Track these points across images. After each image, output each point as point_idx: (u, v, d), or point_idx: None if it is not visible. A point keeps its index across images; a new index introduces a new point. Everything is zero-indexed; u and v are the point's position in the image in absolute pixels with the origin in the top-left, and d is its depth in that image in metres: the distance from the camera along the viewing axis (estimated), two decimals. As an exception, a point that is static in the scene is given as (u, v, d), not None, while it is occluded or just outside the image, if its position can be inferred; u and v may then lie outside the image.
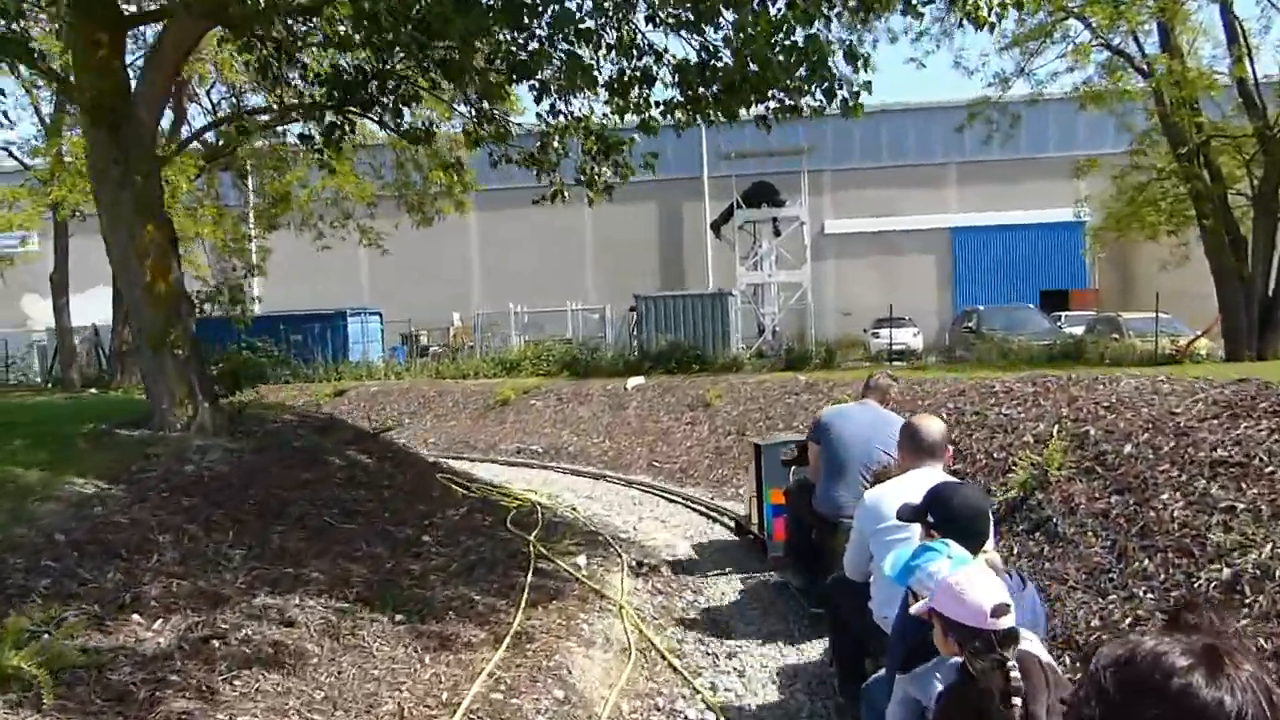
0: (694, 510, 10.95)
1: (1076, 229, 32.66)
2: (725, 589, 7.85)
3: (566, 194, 10.94)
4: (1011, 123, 19.57)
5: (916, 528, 3.67)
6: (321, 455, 8.73)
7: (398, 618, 5.88)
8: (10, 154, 20.11)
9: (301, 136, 10.70)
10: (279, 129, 21.74)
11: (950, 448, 4.63)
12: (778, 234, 33.60)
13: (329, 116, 9.00)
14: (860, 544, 4.47)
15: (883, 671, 3.69)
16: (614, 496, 12.05)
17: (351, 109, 8.73)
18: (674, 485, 12.62)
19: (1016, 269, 35.02)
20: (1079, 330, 21.97)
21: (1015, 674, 2.50)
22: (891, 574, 3.11)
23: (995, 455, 8.73)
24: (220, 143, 22.68)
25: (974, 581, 2.69)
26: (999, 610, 2.60)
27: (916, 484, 4.03)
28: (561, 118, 10.08)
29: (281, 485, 7.58)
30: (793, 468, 7.61)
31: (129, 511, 6.26)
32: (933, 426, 4.48)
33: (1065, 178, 28.50)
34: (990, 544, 3.54)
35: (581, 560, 7.85)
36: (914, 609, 2.88)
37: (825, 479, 6.29)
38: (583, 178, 10.40)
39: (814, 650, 6.32)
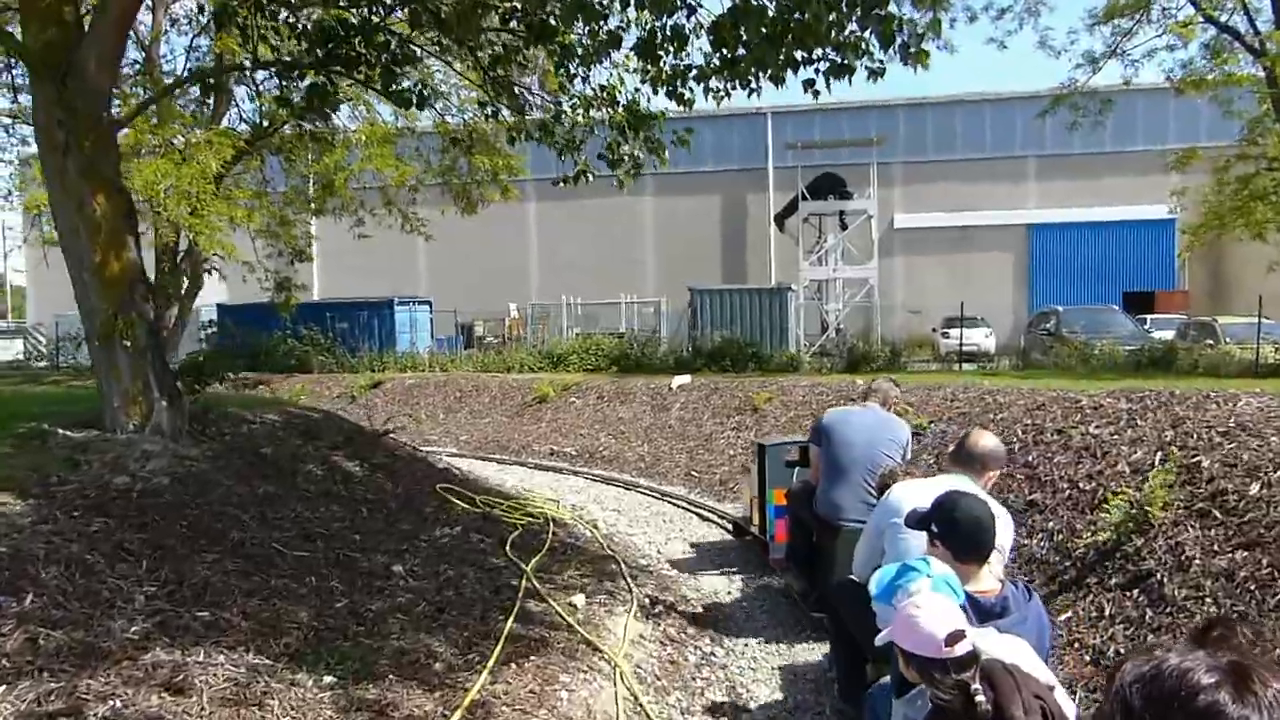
0: (728, 529, 9.56)
1: (1165, 227, 30.49)
2: (755, 648, 6.51)
3: (592, 175, 9.66)
4: (1101, 108, 17.82)
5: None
6: (297, 463, 7.59)
7: (327, 680, 4.68)
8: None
9: (279, 99, 9.59)
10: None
11: (998, 469, 4.56)
12: (844, 228, 31.95)
13: (309, 77, 7.88)
14: (875, 536, 4.44)
15: (886, 679, 3.62)
16: (643, 511, 10.75)
17: (335, 68, 7.60)
18: (711, 500, 11.29)
19: (1098, 268, 32.86)
20: (1168, 334, 20.02)
21: (980, 698, 2.48)
22: (875, 592, 3.08)
23: (1082, 486, 7.25)
24: (265, 124, 21.94)
25: (927, 611, 2.66)
26: (953, 638, 2.58)
27: (940, 487, 4.01)
28: (583, 85, 8.81)
29: (231, 501, 6.44)
30: (795, 469, 7.56)
31: (17, 536, 5.16)
32: (983, 440, 4.46)
33: (1152, 173, 26.53)
34: (997, 557, 3.58)
35: (579, 600, 6.57)
36: (878, 640, 2.85)
37: (826, 482, 6.21)
38: (609, 155, 9.09)
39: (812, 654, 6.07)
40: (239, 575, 5.57)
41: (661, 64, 7.93)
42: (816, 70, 6.88)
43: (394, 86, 7.54)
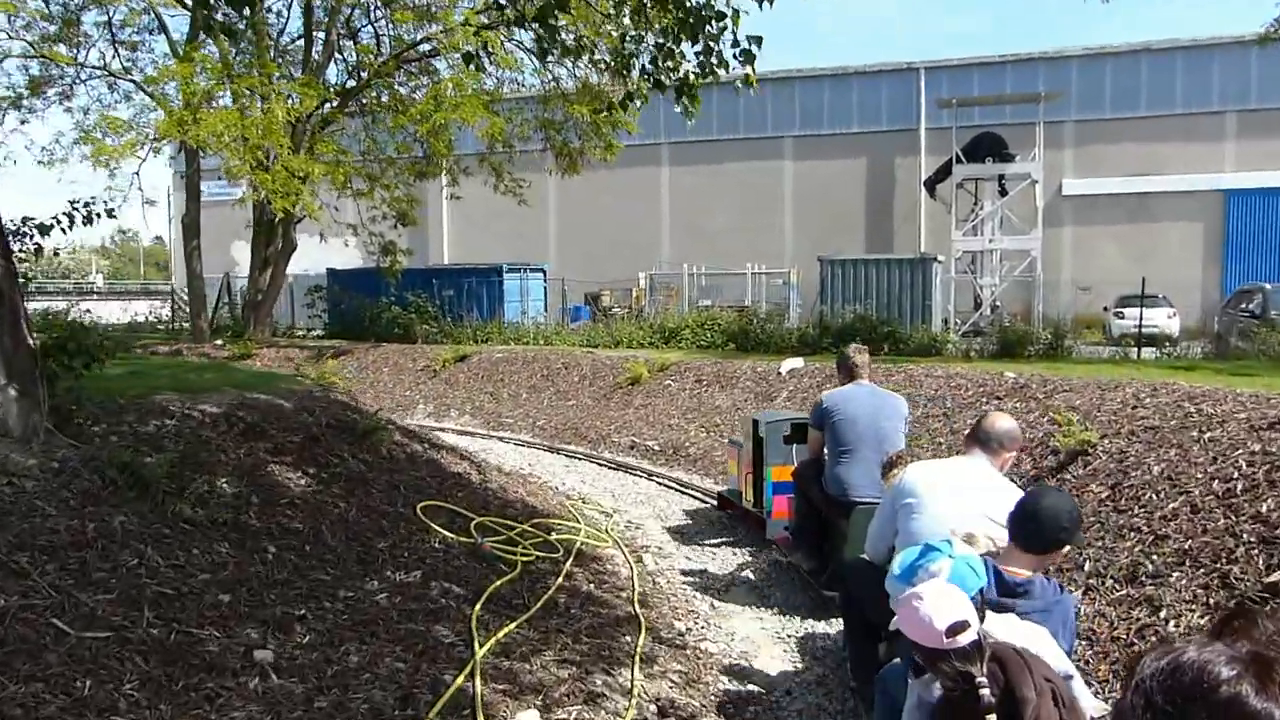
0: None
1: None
2: None
3: (640, 99, 7.16)
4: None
5: (937, 506, 4.00)
6: (194, 476, 5.47)
7: None
8: (133, 82, 18.38)
9: (466, 56, 7.72)
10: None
11: (1015, 450, 4.50)
12: (1004, 194, 28.18)
13: None
14: (889, 513, 4.36)
15: (898, 661, 3.60)
16: (720, 547, 8.24)
17: None
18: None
19: (1308, 241, 28.08)
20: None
21: (984, 690, 2.47)
22: (896, 573, 3.04)
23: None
24: (351, 82, 20.27)
25: (930, 601, 2.60)
26: (955, 629, 2.53)
27: (954, 468, 4.33)
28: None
29: (34, 543, 4.35)
30: (794, 447, 7.56)
31: None
32: (1001, 421, 4.43)
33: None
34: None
35: (529, 721, 4.20)
36: (892, 625, 2.78)
37: (834, 460, 6.21)
38: (653, 69, 6.57)
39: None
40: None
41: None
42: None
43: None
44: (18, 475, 4.84)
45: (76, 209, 6.49)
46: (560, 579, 6.24)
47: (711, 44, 6.25)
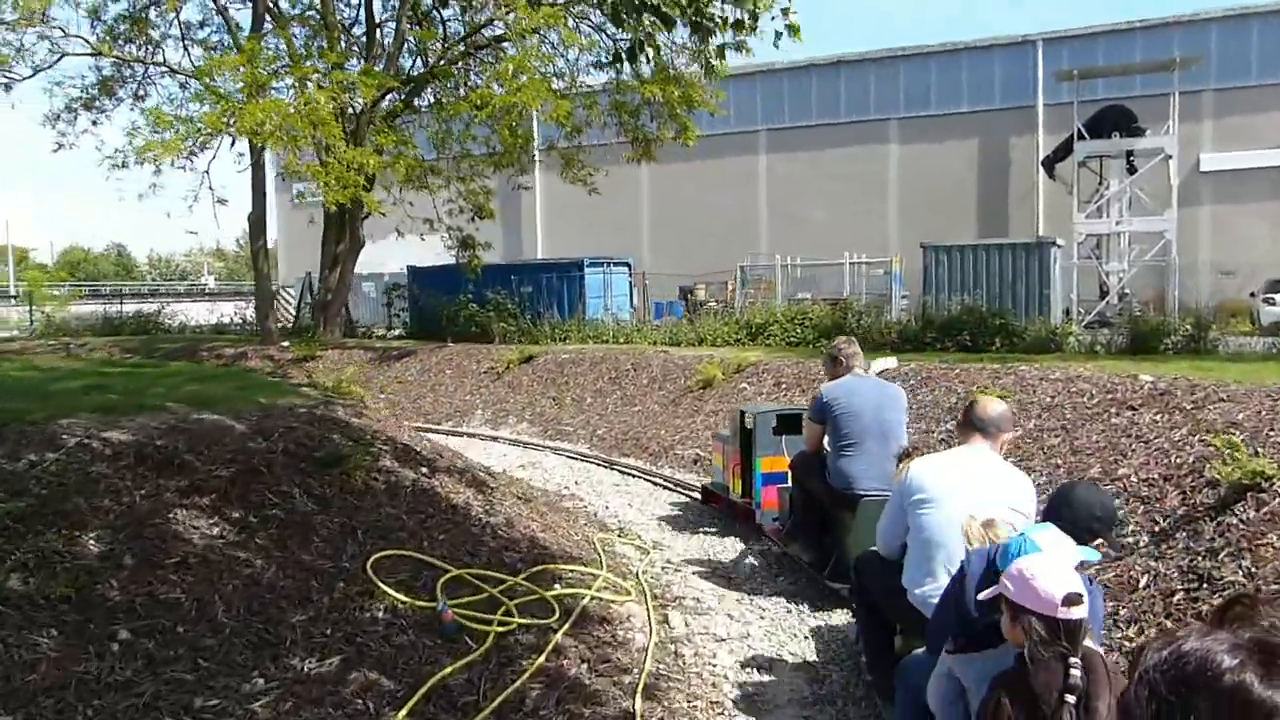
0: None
1: None
2: None
3: (651, 53, 5.58)
4: None
5: (951, 501, 3.95)
6: (55, 529, 4.16)
7: None
8: (183, 74, 17.61)
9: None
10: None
11: (1011, 432, 4.62)
12: (1132, 171, 25.31)
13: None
14: (899, 512, 4.28)
15: (920, 651, 3.67)
16: (774, 598, 6.60)
17: None
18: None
19: None
20: None
21: (1076, 671, 2.45)
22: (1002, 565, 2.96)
23: None
24: (416, 67, 19.15)
25: (1047, 568, 2.61)
26: (1070, 599, 2.51)
27: (957, 459, 4.25)
28: None
29: None
30: (783, 438, 7.57)
31: None
32: (992, 405, 4.41)
33: None
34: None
35: None
36: (983, 595, 2.80)
37: (838, 454, 6.06)
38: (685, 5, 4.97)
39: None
40: None
41: None
42: None
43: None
44: None
45: None
46: (541, 657, 4.74)
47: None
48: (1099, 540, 3.33)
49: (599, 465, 11.02)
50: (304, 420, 6.77)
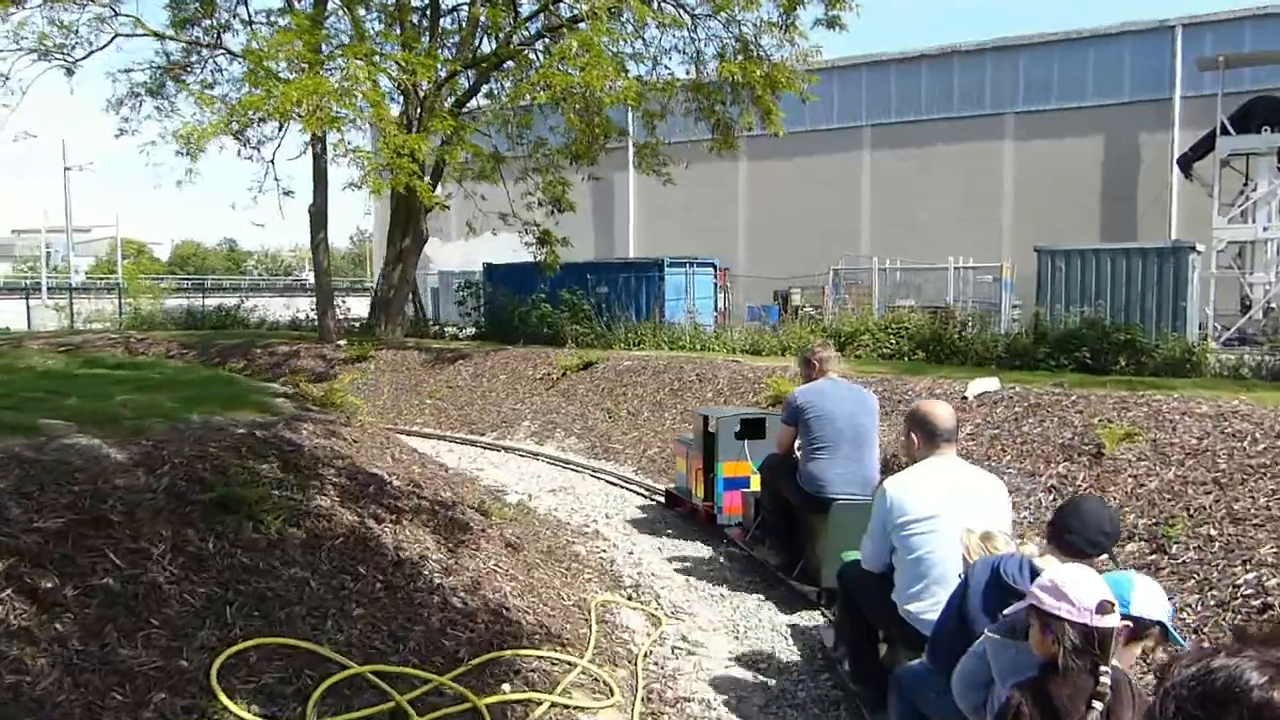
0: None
1: None
2: None
3: None
4: None
5: (939, 519, 3.92)
6: None
7: None
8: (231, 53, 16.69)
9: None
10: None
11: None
12: (1285, 170, 22.46)
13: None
14: (882, 537, 4.20)
15: (916, 662, 3.65)
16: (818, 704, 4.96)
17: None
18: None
19: None
20: None
21: (1107, 679, 2.45)
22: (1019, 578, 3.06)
23: None
24: (485, 46, 17.85)
25: (1080, 577, 2.61)
26: (1103, 607, 2.51)
27: (930, 472, 4.14)
28: None
29: None
30: (745, 443, 7.48)
31: None
32: (944, 412, 4.30)
33: None
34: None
35: None
36: (1009, 610, 2.77)
37: (809, 457, 6.03)
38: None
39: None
40: None
41: None
42: None
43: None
44: None
45: None
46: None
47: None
48: (1103, 555, 3.29)
49: (640, 494, 9.47)
50: (232, 444, 5.42)
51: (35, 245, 65.10)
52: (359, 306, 28.82)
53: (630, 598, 6.11)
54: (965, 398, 9.55)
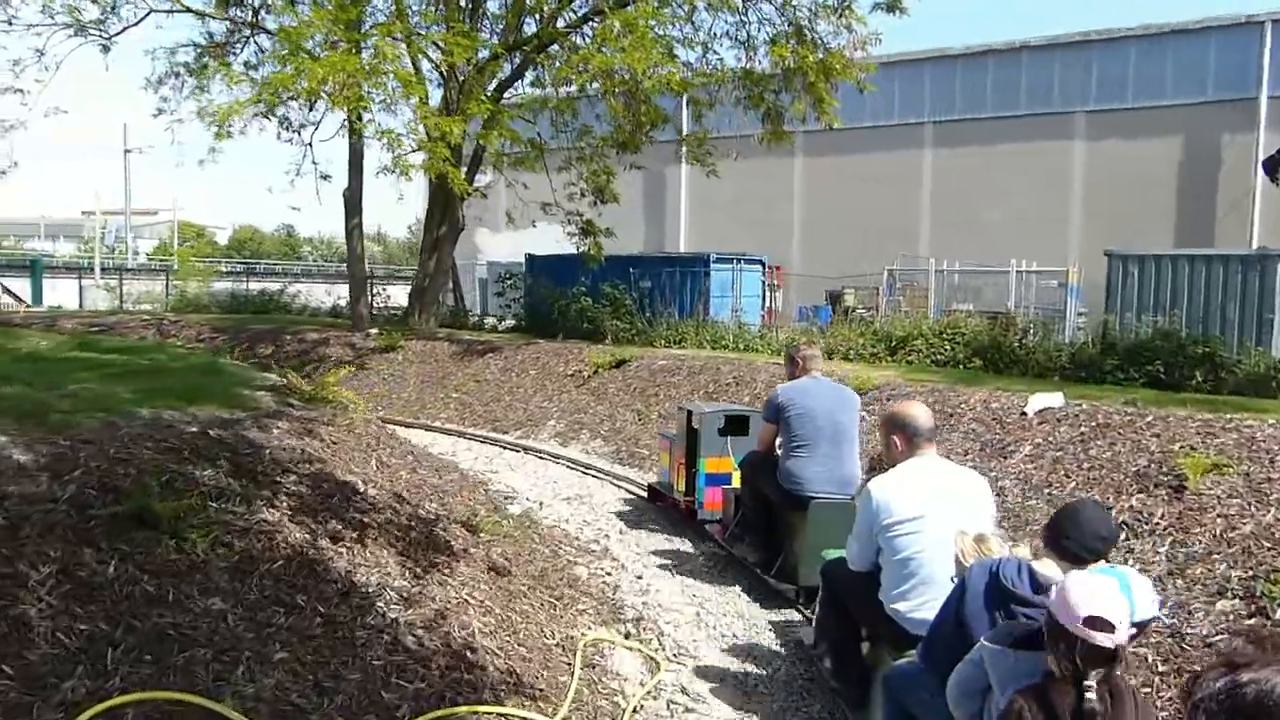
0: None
1: None
2: None
3: None
4: None
5: (925, 520, 3.91)
6: None
7: None
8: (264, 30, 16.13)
9: None
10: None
11: None
12: (1383, 175, 20.88)
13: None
14: (867, 539, 4.16)
15: (904, 662, 3.63)
16: None
17: None
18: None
19: None
20: None
21: (1091, 695, 2.39)
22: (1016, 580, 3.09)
23: None
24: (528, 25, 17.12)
25: (1085, 586, 2.52)
26: (1093, 622, 2.42)
27: (919, 473, 4.11)
28: None
29: None
30: (728, 439, 7.42)
31: None
32: (922, 413, 4.29)
33: None
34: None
35: None
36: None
37: (789, 454, 6.00)
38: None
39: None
40: None
41: None
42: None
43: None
44: None
45: None
46: None
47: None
48: (1101, 561, 3.15)
49: (661, 505, 8.67)
50: (175, 445, 4.75)
51: (103, 226, 66.25)
52: (404, 295, 28.42)
53: (628, 635, 5.33)
54: (1025, 413, 8.60)
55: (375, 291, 24.70)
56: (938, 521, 3.85)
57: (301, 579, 4.21)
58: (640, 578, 6.47)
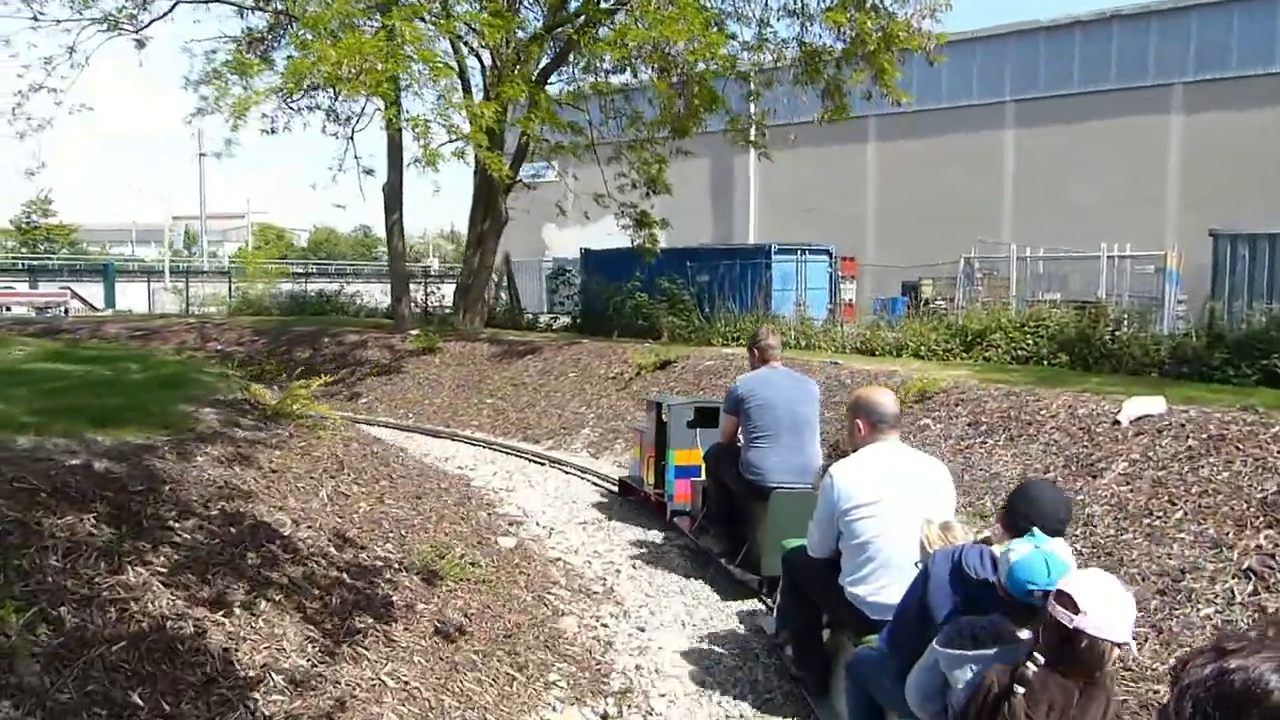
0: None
1: None
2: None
3: None
4: None
5: (883, 504, 3.90)
6: None
7: None
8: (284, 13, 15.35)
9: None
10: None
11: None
12: None
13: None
14: (828, 524, 4.16)
15: (867, 647, 3.65)
16: None
17: None
18: None
19: None
20: None
21: (1029, 667, 2.44)
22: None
23: None
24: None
25: (1095, 592, 2.45)
26: (1059, 597, 2.44)
27: (880, 458, 4.08)
28: None
29: None
30: (697, 431, 7.38)
31: None
32: (887, 398, 4.28)
33: None
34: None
35: None
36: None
37: (750, 445, 6.01)
38: None
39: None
40: None
41: None
42: None
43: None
44: None
45: None
46: None
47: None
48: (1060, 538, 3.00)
49: (687, 533, 7.57)
50: (36, 484, 3.83)
51: (191, 230, 67.70)
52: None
53: (605, 716, 4.25)
54: (1118, 421, 7.24)
55: (430, 290, 24.05)
56: (896, 505, 3.87)
57: (151, 665, 3.24)
58: (643, 629, 5.38)
